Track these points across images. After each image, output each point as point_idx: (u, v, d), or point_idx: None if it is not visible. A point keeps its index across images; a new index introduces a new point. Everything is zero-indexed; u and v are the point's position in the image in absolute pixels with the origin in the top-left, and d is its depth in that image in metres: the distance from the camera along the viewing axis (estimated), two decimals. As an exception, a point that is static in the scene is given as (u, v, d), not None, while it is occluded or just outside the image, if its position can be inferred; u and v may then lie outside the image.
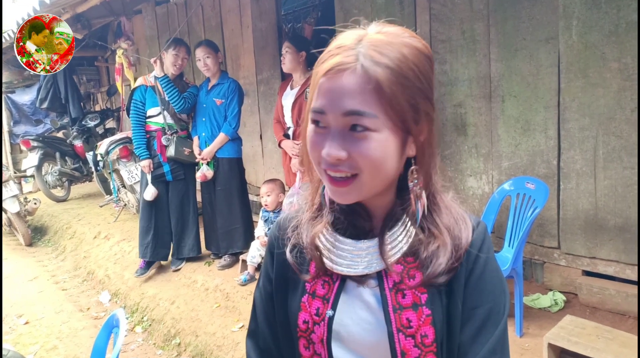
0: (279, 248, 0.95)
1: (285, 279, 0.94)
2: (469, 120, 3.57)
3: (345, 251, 0.86)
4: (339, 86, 0.74)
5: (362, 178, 0.77)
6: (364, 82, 0.74)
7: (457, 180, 3.72)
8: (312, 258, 0.88)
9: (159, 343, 3.69)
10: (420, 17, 3.75)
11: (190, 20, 6.41)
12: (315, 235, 0.87)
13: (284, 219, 1.00)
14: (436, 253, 0.83)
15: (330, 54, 0.77)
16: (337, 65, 0.74)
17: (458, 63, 3.57)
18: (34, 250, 6.62)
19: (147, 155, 4.36)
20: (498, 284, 0.86)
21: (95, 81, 9.95)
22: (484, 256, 0.85)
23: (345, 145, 0.75)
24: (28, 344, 3.85)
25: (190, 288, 4.12)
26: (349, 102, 0.74)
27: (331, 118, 0.76)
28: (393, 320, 0.83)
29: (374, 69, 0.73)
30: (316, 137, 0.78)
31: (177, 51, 4.23)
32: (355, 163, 0.75)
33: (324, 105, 0.76)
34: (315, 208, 0.91)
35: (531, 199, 2.89)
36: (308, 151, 0.81)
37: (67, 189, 8.39)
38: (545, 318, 3.01)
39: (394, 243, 0.84)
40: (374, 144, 0.75)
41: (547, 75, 3.13)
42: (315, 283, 0.90)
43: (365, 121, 0.74)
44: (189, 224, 4.49)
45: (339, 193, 0.79)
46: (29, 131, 9.94)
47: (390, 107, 0.75)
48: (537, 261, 3.38)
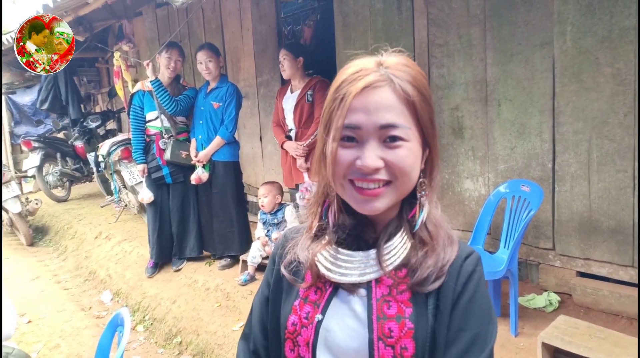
0: (281, 259, 1.01)
1: (281, 285, 0.99)
2: (466, 123, 3.63)
3: (342, 262, 0.91)
4: (374, 102, 0.82)
5: (395, 185, 0.84)
6: (398, 97, 0.83)
7: (453, 182, 3.78)
8: (309, 269, 0.94)
9: (160, 341, 3.74)
10: (418, 21, 3.80)
11: (190, 23, 6.45)
12: (314, 254, 0.93)
13: (290, 230, 1.07)
14: (424, 258, 0.89)
15: (357, 75, 0.84)
16: (372, 83, 0.83)
17: (455, 67, 3.63)
18: (35, 249, 6.67)
19: (143, 160, 4.46)
20: (487, 312, 0.90)
21: (95, 82, 9.99)
22: (474, 282, 0.89)
23: (381, 155, 0.82)
24: (31, 342, 3.91)
25: (191, 288, 4.18)
26: (386, 115, 0.82)
27: (366, 132, 0.82)
28: (375, 328, 0.86)
29: (405, 85, 0.84)
30: (344, 152, 0.84)
31: (169, 54, 4.28)
32: (391, 170, 0.83)
33: (359, 120, 0.82)
34: (314, 231, 0.97)
35: (526, 202, 2.95)
36: (331, 166, 0.86)
37: (68, 190, 8.44)
38: (540, 318, 3.07)
39: (391, 253, 0.90)
40: (408, 153, 0.84)
41: (542, 79, 3.19)
42: (309, 289, 0.94)
43: (401, 132, 0.83)
44: (189, 225, 4.55)
45: (369, 202, 0.84)
46: (30, 132, 9.98)
47: (418, 120, 0.85)
48: (532, 262, 3.44)
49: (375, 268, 0.89)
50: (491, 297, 1.73)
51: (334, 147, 0.85)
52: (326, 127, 0.88)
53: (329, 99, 0.88)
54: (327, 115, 0.88)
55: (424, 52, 3.80)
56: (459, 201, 3.76)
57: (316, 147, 0.94)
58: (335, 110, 0.85)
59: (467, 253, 0.92)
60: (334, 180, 0.87)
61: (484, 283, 0.92)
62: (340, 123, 0.83)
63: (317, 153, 0.93)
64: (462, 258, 0.91)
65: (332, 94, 0.87)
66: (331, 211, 0.94)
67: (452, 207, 3.79)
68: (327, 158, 0.87)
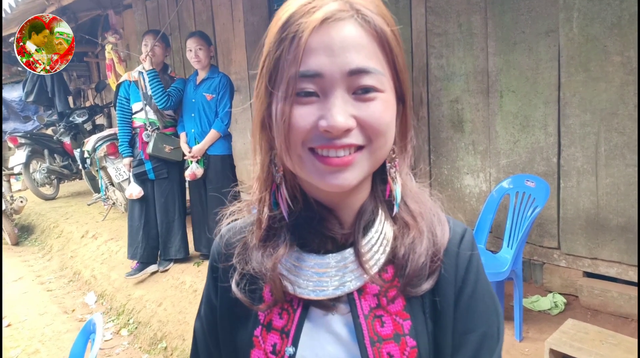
0: (224, 275, 0.77)
1: (232, 306, 0.76)
2: (466, 116, 3.46)
3: (311, 270, 0.69)
4: (340, 39, 0.60)
5: (369, 150, 0.63)
6: (368, 33, 0.62)
7: (453, 178, 3.61)
8: (270, 284, 0.71)
9: (144, 347, 3.55)
10: (416, 10, 3.63)
11: (181, 15, 6.26)
12: (277, 260, 0.70)
13: (227, 230, 0.81)
14: (413, 247, 0.69)
15: (311, 5, 0.61)
16: (333, 14, 0.60)
17: (454, 57, 3.46)
18: (20, 249, 6.46)
19: (129, 153, 4.25)
20: (491, 304, 0.73)
21: (85, 77, 9.78)
22: (474, 270, 0.72)
23: (351, 112, 0.61)
24: (9, 348, 3.71)
25: (178, 290, 3.99)
26: (355, 57, 0.60)
27: (330, 81, 0.60)
28: (371, 355, 0.67)
29: (375, 18, 0.62)
30: (301, 111, 0.61)
31: (145, 41, 4.10)
32: (364, 131, 0.62)
33: (320, 65, 0.60)
34: (265, 226, 0.73)
35: (531, 198, 2.78)
36: (282, 133, 0.62)
37: (56, 188, 8.22)
38: (545, 321, 2.90)
39: (373, 249, 0.70)
40: (384, 107, 0.63)
41: (546, 69, 3.02)
42: (271, 311, 0.72)
43: (374, 80, 0.61)
44: (174, 225, 4.33)
45: (336, 174, 0.62)
46: (18, 128, 9.77)
47: (394, 64, 0.65)
48: (536, 262, 3.27)
49: (355, 273, 0.68)
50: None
51: (286, 106, 0.61)
52: (271, 79, 0.63)
53: (270, 41, 0.64)
54: (271, 64, 0.63)
55: (421, 42, 3.63)
56: (458, 197, 3.59)
57: (255, 109, 0.68)
58: (285, 54, 0.61)
59: (460, 233, 0.73)
60: (287, 152, 0.64)
61: (482, 268, 0.73)
62: (293, 71, 0.60)
63: (256, 119, 0.68)
64: (456, 241, 0.72)
65: (277, 34, 0.63)
66: (281, 197, 0.70)
67: (451, 204, 3.62)
68: (276, 123, 0.63)
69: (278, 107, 0.63)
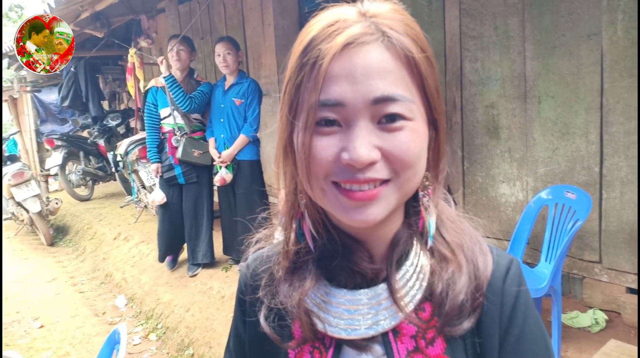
0: (251, 308, 0.73)
1: (260, 343, 0.72)
2: (502, 122, 3.33)
3: (341, 307, 0.64)
4: (363, 65, 0.55)
5: (396, 183, 0.58)
6: (395, 57, 0.57)
7: (488, 186, 3.48)
8: (298, 320, 0.66)
9: (172, 352, 3.55)
10: (449, 12, 3.52)
11: (212, 19, 6.29)
12: (302, 295, 0.65)
13: (254, 260, 0.77)
14: (451, 282, 0.62)
15: (333, 28, 0.57)
16: (356, 37, 0.56)
17: (490, 61, 3.33)
18: (55, 250, 6.60)
19: (157, 159, 4.29)
20: (542, 347, 0.64)
21: (120, 80, 9.93)
22: (522, 307, 0.64)
23: (376, 143, 0.56)
24: (41, 349, 3.77)
25: (206, 295, 3.98)
26: (380, 84, 0.55)
27: (353, 111, 0.56)
28: None
29: (403, 40, 0.57)
30: (322, 142, 0.57)
31: (170, 46, 4.12)
32: (391, 164, 0.57)
33: (342, 94, 0.55)
34: (292, 257, 0.68)
35: (571, 211, 2.64)
36: (304, 164, 0.58)
37: (91, 189, 8.39)
38: (585, 339, 2.76)
39: (408, 285, 0.63)
40: (412, 137, 0.57)
41: (588, 74, 2.88)
42: (302, 350, 0.67)
43: (402, 108, 0.56)
44: (202, 229, 4.33)
45: (361, 209, 0.58)
46: (55, 130, 10.01)
47: (424, 89, 0.59)
48: (575, 276, 3.12)
49: (389, 311, 0.63)
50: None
51: (306, 137, 0.57)
52: (292, 107, 0.60)
53: (292, 66, 0.60)
54: (292, 90, 0.59)
55: (455, 45, 3.52)
56: (493, 206, 3.46)
57: (278, 135, 0.64)
58: (305, 81, 0.57)
59: (505, 265, 0.65)
60: (309, 183, 0.60)
61: (532, 305, 0.65)
62: (313, 100, 0.56)
63: (279, 145, 0.64)
64: (501, 275, 0.64)
65: (298, 59, 0.59)
66: (305, 227, 0.66)
67: (486, 213, 3.50)
68: (298, 152, 0.60)
69: (299, 136, 0.59)
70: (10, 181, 6.42)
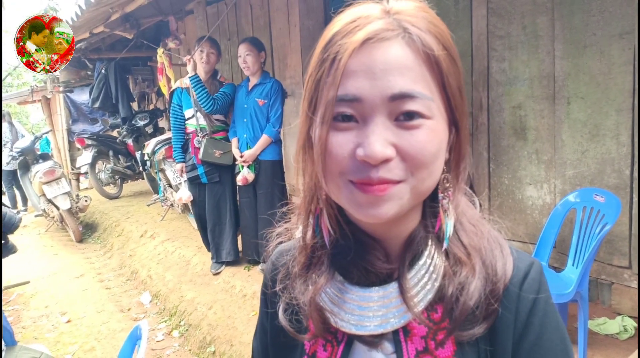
0: (271, 300, 0.76)
1: (280, 333, 0.74)
2: (530, 123, 3.26)
3: (354, 303, 0.64)
4: (382, 61, 0.55)
5: (410, 183, 0.57)
6: (416, 54, 0.56)
7: (514, 188, 3.41)
8: (310, 315, 0.67)
9: (194, 350, 3.58)
10: (477, 11, 3.47)
11: (239, 20, 6.34)
12: (316, 291, 0.66)
13: (278, 253, 0.80)
14: (463, 286, 0.61)
15: (355, 24, 0.57)
16: (377, 33, 0.56)
17: (518, 61, 3.27)
18: (83, 246, 6.75)
19: (181, 158, 4.41)
20: (561, 353, 0.62)
21: (149, 81, 10.11)
22: (540, 313, 0.61)
23: (392, 140, 0.55)
24: (67, 343, 3.85)
25: (228, 294, 4.00)
26: (400, 81, 0.55)
27: (371, 106, 0.55)
28: None
29: (425, 37, 0.56)
30: (338, 138, 0.57)
31: (201, 47, 4.16)
32: (406, 163, 0.56)
33: (359, 89, 0.55)
34: (308, 253, 0.69)
35: (600, 214, 2.57)
36: (320, 159, 0.58)
37: (120, 187, 8.56)
38: (613, 346, 2.68)
39: (419, 285, 0.62)
40: (430, 136, 0.57)
41: (620, 74, 2.79)
42: (316, 342, 0.69)
43: (420, 105, 0.56)
44: (225, 228, 4.38)
45: (375, 207, 0.57)
46: (86, 129, 10.24)
47: (444, 88, 0.58)
48: (604, 281, 3.03)
49: (399, 310, 0.62)
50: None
51: (323, 131, 0.57)
52: (311, 103, 0.60)
53: (314, 62, 0.60)
54: (312, 85, 0.60)
55: (482, 44, 3.46)
56: (520, 209, 3.39)
57: (299, 130, 0.64)
58: (324, 77, 0.57)
59: (524, 270, 0.63)
60: (325, 179, 0.60)
61: (553, 311, 0.63)
62: (331, 95, 0.56)
63: (299, 140, 0.64)
64: (518, 280, 0.62)
65: (319, 55, 0.59)
66: (323, 223, 0.66)
67: (511, 216, 3.43)
68: (315, 147, 0.60)
69: (316, 131, 0.59)
70: (41, 178, 6.59)
